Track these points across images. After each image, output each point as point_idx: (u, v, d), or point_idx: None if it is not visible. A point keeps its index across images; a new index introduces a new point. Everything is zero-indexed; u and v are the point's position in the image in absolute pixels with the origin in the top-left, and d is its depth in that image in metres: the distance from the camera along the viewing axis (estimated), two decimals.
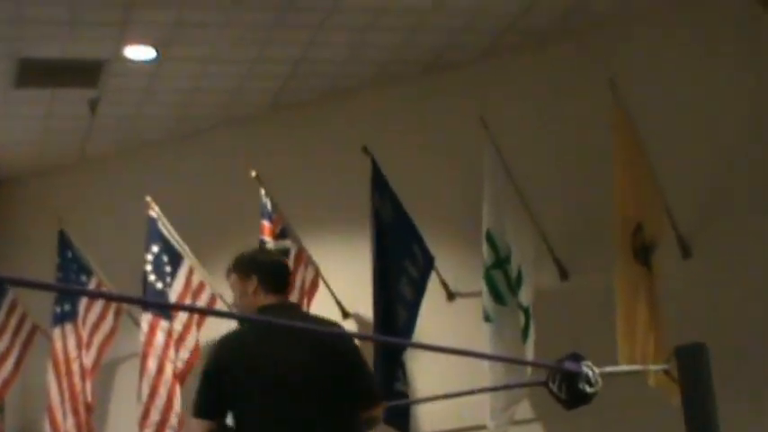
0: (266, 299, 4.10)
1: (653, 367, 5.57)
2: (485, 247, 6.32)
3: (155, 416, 7.17)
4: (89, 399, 7.61)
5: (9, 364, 8.05)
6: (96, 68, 7.16)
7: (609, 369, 4.84)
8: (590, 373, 4.10)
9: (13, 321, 8.08)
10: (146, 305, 7.32)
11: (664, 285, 5.92)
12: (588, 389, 4.12)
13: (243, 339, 4.07)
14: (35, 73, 7.16)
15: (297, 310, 4.47)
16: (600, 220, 6.29)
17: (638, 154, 6.04)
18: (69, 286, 7.79)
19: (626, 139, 6.05)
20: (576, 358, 4.18)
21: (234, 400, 3.91)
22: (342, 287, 7.09)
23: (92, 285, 7.70)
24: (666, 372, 5.28)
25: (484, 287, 6.31)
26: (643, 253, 5.93)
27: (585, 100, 6.61)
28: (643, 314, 5.86)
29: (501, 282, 6.30)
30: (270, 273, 4.20)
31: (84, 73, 7.22)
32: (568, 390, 4.19)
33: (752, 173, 6.37)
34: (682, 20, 6.61)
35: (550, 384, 4.24)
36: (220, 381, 3.93)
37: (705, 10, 6.51)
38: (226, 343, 4.05)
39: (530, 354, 6.17)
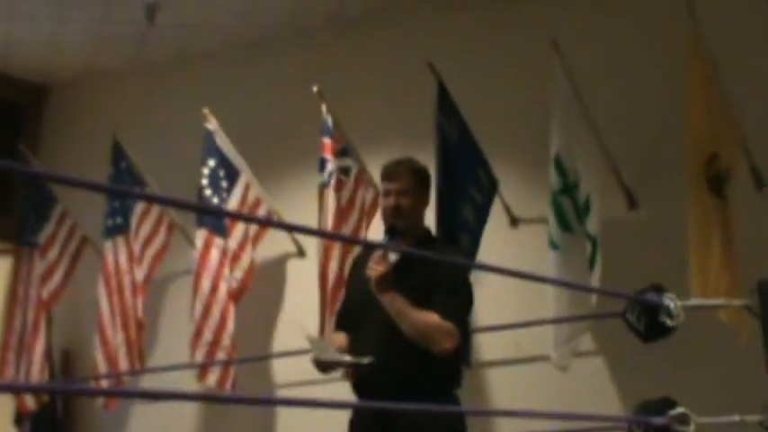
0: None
1: (735, 302, 5.62)
2: (552, 172, 6.32)
3: (207, 336, 7.34)
4: (140, 315, 7.77)
5: (57, 275, 8.27)
6: None
7: (692, 302, 4.93)
8: (672, 306, 4.16)
9: (63, 233, 8.29)
10: (202, 212, 7.48)
11: (736, 217, 6.00)
12: (669, 322, 4.20)
13: None
14: None
15: None
16: (671, 149, 6.35)
17: (713, 81, 6.09)
18: (123, 188, 7.88)
19: (702, 66, 6.09)
20: (658, 290, 4.25)
21: None
22: None
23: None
24: (748, 307, 5.35)
25: (550, 214, 6.32)
26: (717, 183, 5.98)
27: (662, 23, 6.65)
28: (717, 247, 5.90)
29: (568, 208, 6.31)
30: None
31: None
32: (648, 322, 4.27)
33: None
34: None
35: (628, 316, 4.32)
36: None
37: None
38: None
39: (596, 284, 6.28)
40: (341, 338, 4.61)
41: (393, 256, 4.47)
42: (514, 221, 7.03)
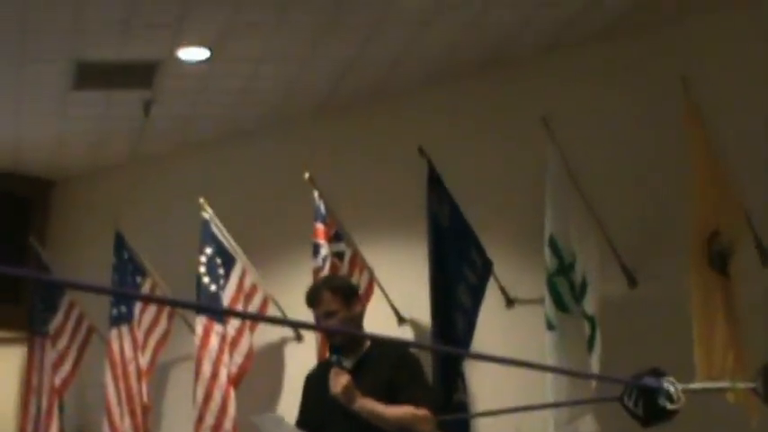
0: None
1: (740, 385, 4.45)
2: (547, 253, 5.20)
3: (209, 420, 6.25)
4: (145, 400, 6.69)
5: (67, 364, 7.20)
6: (150, 70, 6.18)
7: (693, 386, 3.92)
8: (671, 389, 3.18)
9: (71, 322, 7.21)
10: (199, 310, 6.36)
11: (741, 295, 4.75)
12: (669, 405, 3.26)
13: None
14: (92, 75, 6.23)
15: None
16: (670, 225, 5.16)
17: (712, 156, 4.88)
18: (123, 290, 6.91)
19: (700, 140, 4.89)
20: (657, 374, 3.30)
21: None
22: (397, 293, 6.00)
23: (147, 286, 6.79)
24: (754, 390, 4.24)
25: (546, 294, 5.20)
26: (720, 260, 4.77)
27: (657, 98, 5.42)
28: (721, 326, 4.73)
29: (564, 289, 5.17)
30: None
31: (139, 74, 6.25)
32: (646, 406, 3.33)
33: None
34: (757, 15, 5.38)
35: (625, 400, 3.37)
36: None
37: None
38: None
39: (595, 364, 5.08)
40: None
41: (348, 364, 3.99)
42: (510, 302, 5.78)
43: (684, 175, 4.88)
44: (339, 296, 4.05)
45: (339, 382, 3.84)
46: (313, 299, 4.08)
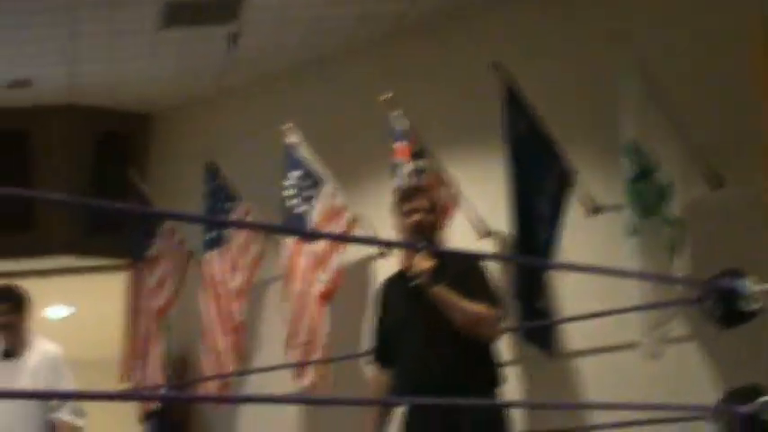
0: None
1: None
2: (627, 160, 4.91)
3: (302, 336, 6.12)
4: (240, 320, 6.59)
5: (167, 288, 7.13)
6: (234, 3, 6.06)
7: None
8: (750, 291, 3.05)
9: (170, 248, 7.15)
10: (289, 233, 6.24)
11: None
12: (747, 307, 3.09)
13: None
14: (179, 12, 6.16)
15: None
16: (754, 125, 4.79)
17: None
18: (218, 218, 6.99)
19: None
20: (735, 274, 3.13)
21: None
22: (479, 206, 5.76)
23: (239, 211, 6.63)
24: None
25: (627, 201, 4.91)
26: None
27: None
28: None
29: (646, 194, 4.89)
30: None
31: (223, 9, 6.15)
32: (725, 308, 3.15)
33: None
34: None
35: (704, 302, 3.19)
36: None
37: None
38: None
39: (679, 268, 4.80)
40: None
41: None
42: (592, 210, 5.47)
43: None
44: (437, 201, 4.17)
45: (425, 263, 3.81)
46: (416, 192, 4.09)
